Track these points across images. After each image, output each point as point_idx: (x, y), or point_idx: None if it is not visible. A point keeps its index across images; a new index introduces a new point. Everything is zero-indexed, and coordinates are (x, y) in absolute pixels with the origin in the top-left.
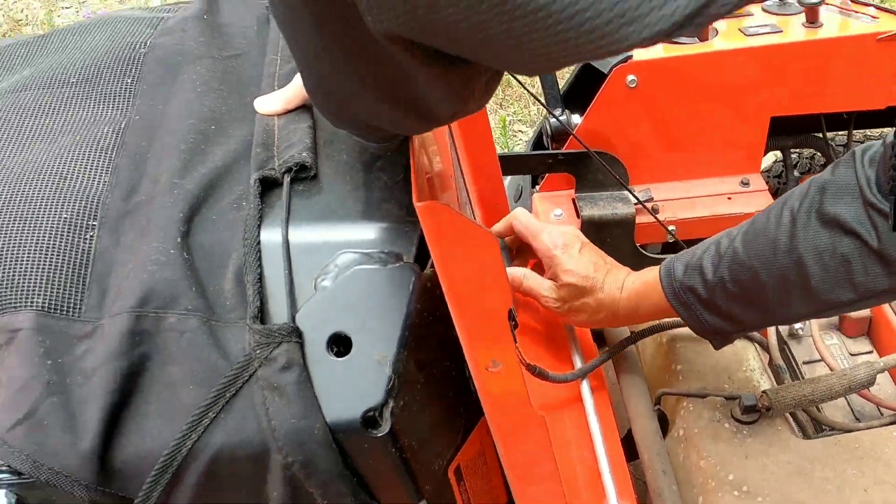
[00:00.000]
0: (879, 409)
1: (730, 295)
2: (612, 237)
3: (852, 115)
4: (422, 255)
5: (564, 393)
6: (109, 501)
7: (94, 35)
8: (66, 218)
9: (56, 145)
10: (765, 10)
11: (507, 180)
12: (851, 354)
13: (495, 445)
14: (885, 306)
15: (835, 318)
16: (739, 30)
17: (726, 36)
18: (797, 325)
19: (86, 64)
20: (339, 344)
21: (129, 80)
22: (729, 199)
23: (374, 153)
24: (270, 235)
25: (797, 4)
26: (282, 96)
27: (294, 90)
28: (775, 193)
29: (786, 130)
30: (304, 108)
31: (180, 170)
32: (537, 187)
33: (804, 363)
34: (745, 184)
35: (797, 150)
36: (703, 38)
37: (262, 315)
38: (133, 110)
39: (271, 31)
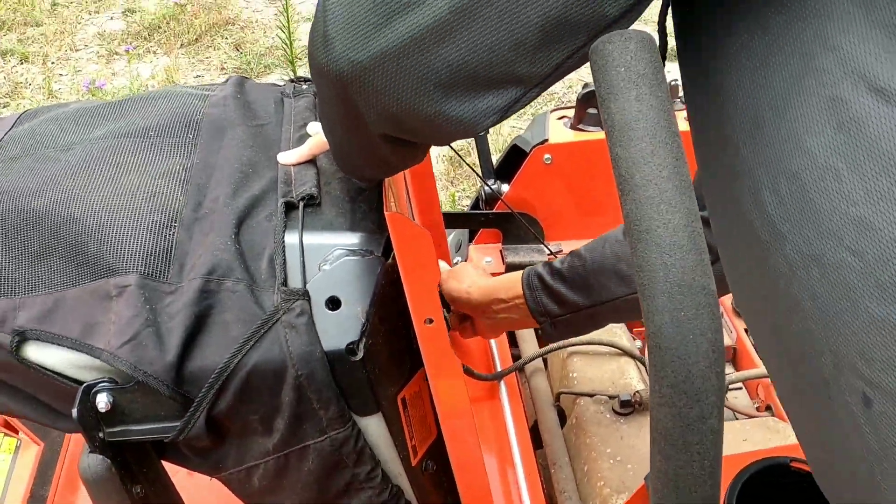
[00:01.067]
0: (735, 415)
1: (564, 280)
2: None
3: None
4: (387, 253)
5: (487, 391)
6: (179, 400)
7: (161, 103)
8: (156, 220)
9: (144, 175)
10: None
11: (451, 234)
12: None
13: (430, 388)
14: (745, 338)
15: None
16: None
17: None
18: None
19: (159, 123)
20: (333, 303)
21: (190, 136)
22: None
23: (357, 191)
24: (291, 238)
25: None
26: (296, 153)
27: (304, 150)
28: None
29: None
30: (311, 161)
31: (231, 195)
32: (473, 240)
33: None
34: None
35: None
36: None
37: (286, 284)
38: (195, 156)
39: (285, 108)
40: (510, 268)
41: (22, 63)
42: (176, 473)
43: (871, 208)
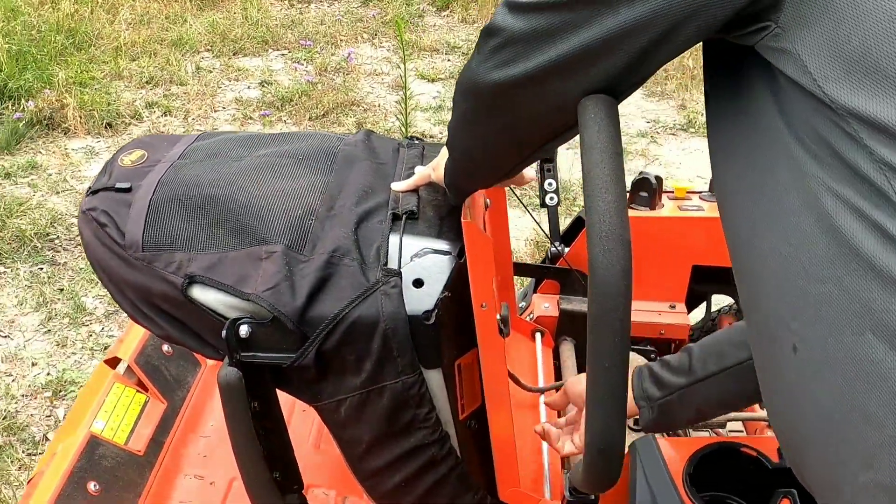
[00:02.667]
0: None
1: (670, 366)
2: (580, 325)
3: None
4: (460, 255)
5: (531, 400)
6: (299, 336)
7: (310, 139)
8: (300, 213)
9: (293, 183)
10: (701, 199)
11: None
12: None
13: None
14: None
15: None
16: (678, 206)
17: (668, 209)
18: None
19: (308, 150)
20: (417, 283)
21: (329, 163)
22: (659, 314)
23: (445, 214)
24: (394, 238)
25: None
26: (405, 183)
27: (411, 182)
28: (702, 331)
29: (707, 279)
30: (415, 190)
31: (354, 204)
32: (538, 289)
33: None
34: (672, 307)
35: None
36: (653, 208)
37: (386, 266)
38: (331, 176)
39: (400, 154)
40: (563, 313)
41: (165, 115)
42: None
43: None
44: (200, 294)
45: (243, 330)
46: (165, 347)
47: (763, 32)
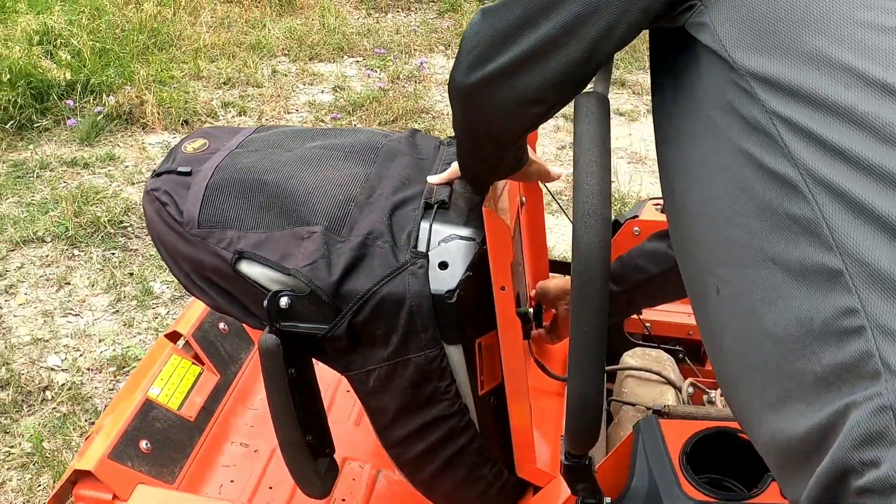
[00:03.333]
0: None
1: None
2: (610, 325)
3: None
4: (483, 242)
5: (555, 387)
6: (334, 309)
7: (357, 134)
8: (340, 199)
9: (338, 172)
10: None
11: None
12: None
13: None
14: None
15: None
16: None
17: None
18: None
19: (353, 144)
20: (442, 265)
21: (373, 156)
22: (689, 315)
23: (474, 205)
24: (425, 224)
25: None
26: (440, 176)
27: (445, 175)
28: None
29: None
30: (448, 183)
31: (391, 193)
32: None
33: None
34: None
35: None
36: None
37: (416, 248)
38: (373, 168)
39: (440, 151)
40: None
41: (240, 115)
42: None
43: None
44: (247, 268)
45: (283, 301)
46: (222, 325)
47: (690, 11)
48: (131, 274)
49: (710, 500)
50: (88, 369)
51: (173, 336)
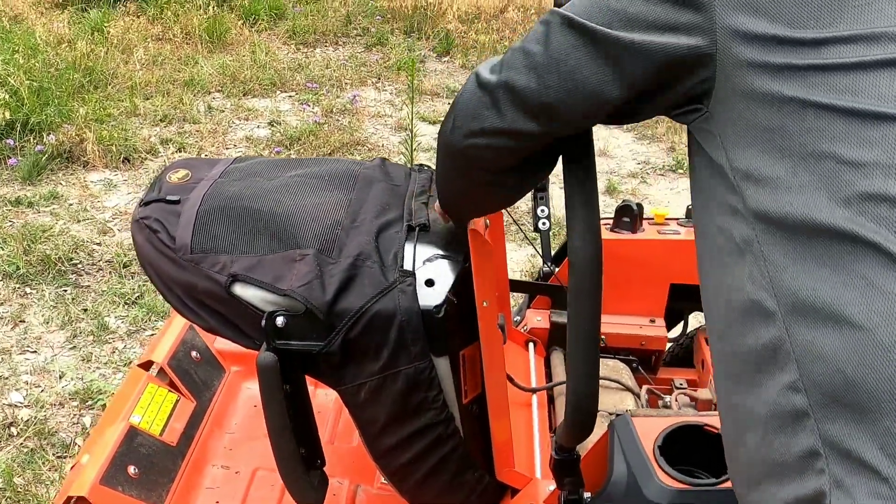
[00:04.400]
0: None
1: None
2: None
3: None
4: (465, 260)
5: (525, 399)
6: (327, 326)
7: (333, 163)
8: (328, 223)
9: (322, 198)
10: (678, 224)
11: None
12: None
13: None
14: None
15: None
16: (657, 230)
17: (649, 233)
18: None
19: (332, 172)
20: (429, 283)
21: (352, 183)
22: (640, 327)
23: (449, 226)
24: (409, 245)
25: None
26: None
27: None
28: (683, 351)
29: (684, 297)
30: (425, 206)
31: (374, 216)
32: (531, 304)
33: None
34: (652, 321)
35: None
36: (634, 231)
37: (403, 268)
38: (353, 194)
39: (411, 177)
40: (554, 325)
41: (179, 151)
42: None
43: None
44: (241, 290)
45: (279, 321)
46: (194, 354)
47: (695, 114)
48: (85, 310)
49: (685, 487)
50: (52, 404)
51: (146, 365)
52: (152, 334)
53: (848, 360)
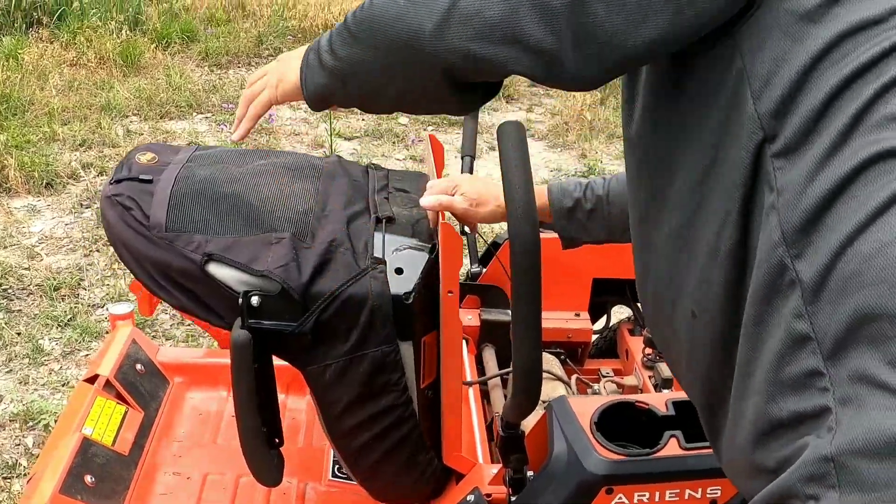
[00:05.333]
0: None
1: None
2: (498, 333)
3: None
4: (432, 251)
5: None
6: (302, 306)
7: (297, 156)
8: (300, 210)
9: (293, 186)
10: None
11: None
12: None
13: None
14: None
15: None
16: None
17: None
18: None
19: (298, 164)
20: (398, 271)
21: (317, 174)
22: (566, 321)
23: (412, 220)
24: (378, 234)
25: None
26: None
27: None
28: (607, 343)
29: (605, 291)
30: (387, 200)
31: (342, 208)
32: (461, 303)
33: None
34: (577, 315)
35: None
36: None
37: (374, 256)
38: (320, 184)
39: (369, 174)
40: (484, 322)
41: (101, 175)
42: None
43: None
44: (216, 270)
45: (254, 300)
46: (139, 366)
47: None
48: (19, 333)
49: (622, 458)
50: None
51: (91, 380)
52: (87, 354)
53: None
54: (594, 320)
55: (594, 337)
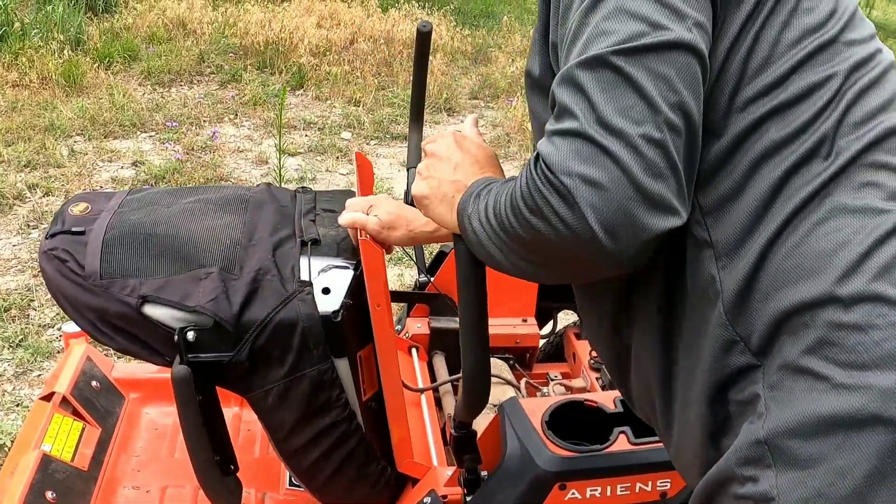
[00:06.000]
0: None
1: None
2: (447, 340)
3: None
4: (356, 268)
5: (411, 398)
6: (235, 336)
7: (224, 189)
8: (227, 243)
9: (218, 221)
10: None
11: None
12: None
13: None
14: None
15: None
16: None
17: None
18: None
19: (226, 197)
20: (325, 291)
21: (244, 206)
22: (514, 327)
23: (338, 239)
24: (304, 258)
25: None
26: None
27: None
28: (554, 347)
29: (550, 297)
30: (313, 223)
31: (268, 236)
32: (410, 312)
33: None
34: (524, 320)
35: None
36: None
37: (300, 279)
38: (247, 216)
39: (297, 199)
40: (433, 330)
41: (47, 195)
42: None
43: None
44: (151, 311)
45: (190, 335)
46: (94, 383)
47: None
48: None
49: (574, 455)
50: None
51: (48, 397)
52: (40, 374)
53: None
54: (541, 326)
55: (541, 342)
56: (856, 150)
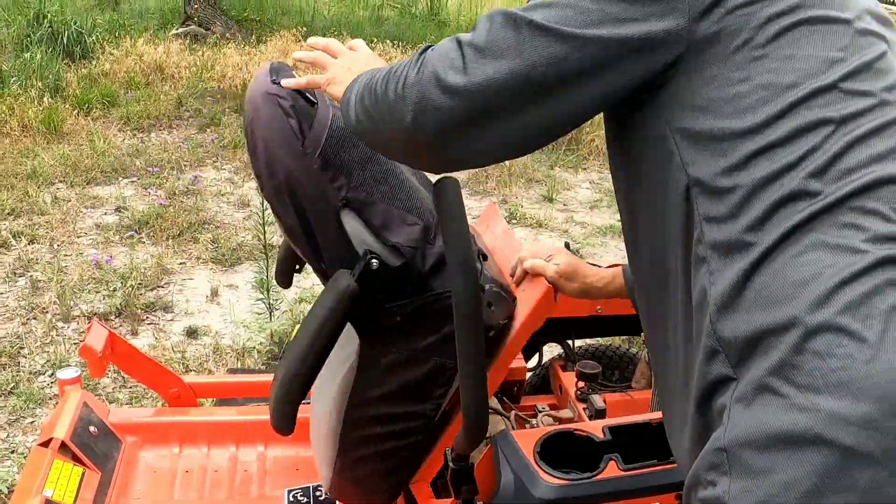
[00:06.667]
0: None
1: None
2: None
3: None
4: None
5: None
6: (405, 291)
7: None
8: (430, 209)
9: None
10: None
11: None
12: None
13: None
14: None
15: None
16: None
17: None
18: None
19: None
20: (489, 304)
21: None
22: None
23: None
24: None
25: None
26: (293, 81)
27: (298, 82)
28: (541, 380)
29: (538, 331)
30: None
31: None
32: None
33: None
34: None
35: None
36: None
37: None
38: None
39: None
40: None
41: (31, 244)
42: None
43: None
44: (346, 218)
45: (374, 263)
46: (92, 428)
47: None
48: None
49: (566, 482)
50: None
51: (46, 444)
52: (33, 421)
53: None
54: (527, 359)
55: (528, 375)
56: (843, 194)
